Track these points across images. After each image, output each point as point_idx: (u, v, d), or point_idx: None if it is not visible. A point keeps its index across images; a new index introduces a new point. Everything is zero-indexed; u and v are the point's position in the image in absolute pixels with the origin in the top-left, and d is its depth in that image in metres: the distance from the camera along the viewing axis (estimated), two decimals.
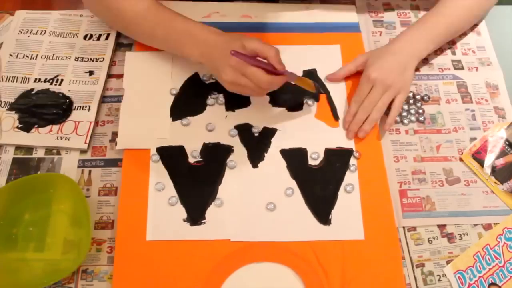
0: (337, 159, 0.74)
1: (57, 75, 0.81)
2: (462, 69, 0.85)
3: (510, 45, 0.88)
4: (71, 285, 0.65)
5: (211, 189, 0.71)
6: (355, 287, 0.65)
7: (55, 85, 0.80)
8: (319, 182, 0.73)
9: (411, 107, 0.80)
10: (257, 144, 0.75)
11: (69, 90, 0.79)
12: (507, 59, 0.86)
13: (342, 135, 0.77)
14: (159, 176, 0.72)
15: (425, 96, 0.82)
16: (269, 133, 0.76)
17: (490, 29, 0.89)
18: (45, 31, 0.85)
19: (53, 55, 0.83)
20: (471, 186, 0.74)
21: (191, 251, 0.67)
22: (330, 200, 0.71)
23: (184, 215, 0.69)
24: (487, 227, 0.71)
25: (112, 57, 0.83)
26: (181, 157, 0.73)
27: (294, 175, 0.73)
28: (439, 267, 0.68)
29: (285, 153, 0.75)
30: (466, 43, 0.87)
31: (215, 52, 0.71)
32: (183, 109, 0.77)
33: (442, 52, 0.86)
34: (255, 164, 0.74)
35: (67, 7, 0.89)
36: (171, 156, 0.73)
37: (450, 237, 0.70)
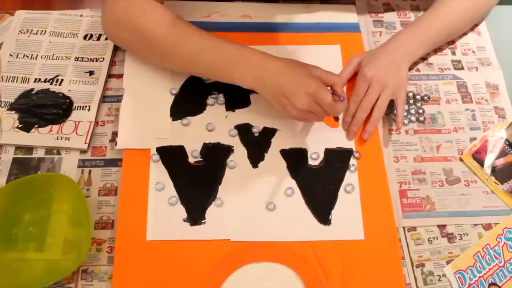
0: (337, 159, 0.74)
1: (57, 75, 0.81)
2: (462, 69, 0.85)
3: (510, 45, 0.88)
4: (71, 285, 0.65)
5: (211, 189, 0.71)
6: (355, 287, 0.65)
7: (55, 85, 0.80)
8: (319, 182, 0.73)
9: (411, 107, 0.80)
10: (257, 144, 0.75)
11: (69, 90, 0.79)
12: (507, 59, 0.86)
13: (342, 135, 0.77)
14: (159, 176, 0.72)
15: (425, 96, 0.82)
16: (269, 133, 0.76)
17: (490, 29, 0.89)
18: (45, 31, 0.85)
19: (53, 55, 0.83)
20: (471, 186, 0.74)
21: (191, 251, 0.67)
22: (330, 200, 0.71)
23: (184, 215, 0.69)
24: (487, 227, 0.71)
25: (112, 57, 0.83)
26: (181, 157, 0.73)
27: (294, 175, 0.73)
28: (439, 267, 0.68)
29: (285, 153, 0.75)
30: (466, 43, 0.87)
31: (281, 78, 0.67)
32: (183, 109, 0.77)
33: (442, 52, 0.86)
34: (255, 164, 0.74)
35: (67, 7, 0.89)
36: (171, 156, 0.73)
37: (450, 237, 0.70)
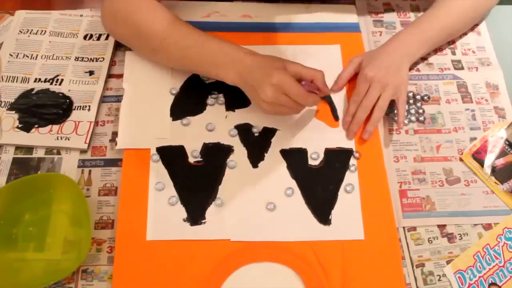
0: (337, 159, 0.74)
1: (57, 75, 0.81)
2: (462, 69, 0.85)
3: (510, 45, 0.88)
4: (71, 285, 0.65)
5: (211, 189, 0.71)
6: (355, 287, 0.65)
7: (55, 85, 0.80)
8: (319, 182, 0.73)
9: (411, 107, 0.80)
10: (257, 144, 0.75)
11: (69, 90, 0.79)
12: (507, 59, 0.86)
13: (342, 135, 0.77)
14: (159, 176, 0.72)
15: (425, 96, 0.82)
16: (269, 133, 0.76)
17: (490, 29, 0.89)
18: (45, 31, 0.85)
19: (53, 55, 0.83)
20: (471, 186, 0.74)
21: (191, 251, 0.67)
22: (330, 200, 0.71)
23: (184, 215, 0.69)
24: (487, 227, 0.71)
25: (112, 57, 0.83)
26: (181, 157, 0.73)
27: (294, 175, 0.73)
28: (439, 267, 0.68)
29: (285, 153, 0.75)
30: (466, 43, 0.87)
31: (254, 71, 0.68)
32: (183, 109, 0.77)
33: (442, 52, 0.86)
34: (255, 164, 0.74)
35: (67, 7, 0.89)
36: (171, 156, 0.73)
37: (450, 237, 0.70)
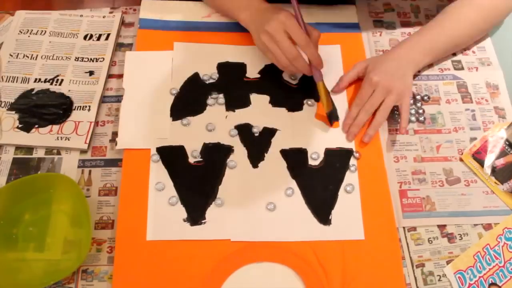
0: (337, 159, 0.74)
1: (57, 75, 0.81)
2: (462, 69, 0.85)
3: (510, 45, 0.88)
4: (71, 285, 0.65)
5: (211, 189, 0.71)
6: (355, 287, 0.65)
7: (55, 85, 0.80)
8: (319, 182, 0.73)
9: (411, 107, 0.80)
10: (257, 144, 0.75)
11: (69, 90, 0.79)
12: (507, 59, 0.86)
13: (342, 135, 0.77)
14: (159, 176, 0.72)
15: (425, 96, 0.82)
16: (269, 133, 0.76)
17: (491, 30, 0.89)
18: (45, 31, 0.85)
19: (53, 55, 0.83)
20: (471, 186, 0.74)
21: (191, 251, 0.67)
22: (330, 200, 0.71)
23: (184, 215, 0.69)
24: (487, 227, 0.71)
25: (112, 57, 0.83)
26: (181, 157, 0.73)
27: (294, 175, 0.73)
28: (439, 267, 0.68)
29: (285, 153, 0.75)
30: None
31: (266, 13, 0.74)
32: (183, 109, 0.77)
33: None
34: (255, 164, 0.74)
35: (67, 7, 0.89)
36: (171, 156, 0.73)
37: (450, 237, 0.70)
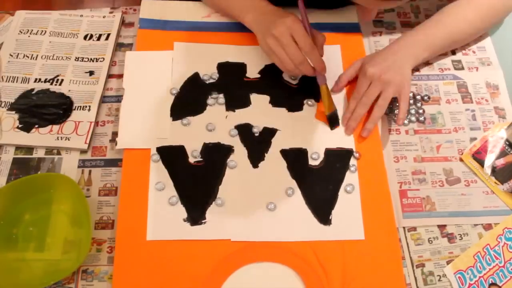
0: (337, 159, 0.74)
1: (57, 75, 0.81)
2: (462, 69, 0.85)
3: (510, 45, 0.88)
4: (71, 285, 0.65)
5: (211, 189, 0.71)
6: (355, 287, 0.65)
7: (55, 85, 0.80)
8: (319, 182, 0.73)
9: (411, 107, 0.80)
10: (257, 144, 0.75)
11: (69, 90, 0.79)
12: (507, 59, 0.86)
13: (342, 135, 0.77)
14: (159, 176, 0.72)
15: (425, 96, 0.82)
16: (269, 133, 0.76)
17: (490, 29, 0.89)
18: (45, 31, 0.85)
19: (53, 55, 0.83)
20: (471, 186, 0.74)
21: (191, 251, 0.67)
22: (330, 200, 0.71)
23: (184, 215, 0.69)
24: (487, 227, 0.71)
25: (112, 57, 0.83)
26: (181, 157, 0.73)
27: (294, 175, 0.73)
28: (439, 267, 0.68)
29: (286, 153, 0.75)
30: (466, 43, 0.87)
31: (271, 16, 0.74)
32: (183, 109, 0.77)
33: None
34: (255, 164, 0.74)
35: (67, 7, 0.90)
36: (171, 156, 0.73)
37: (450, 237, 0.70)
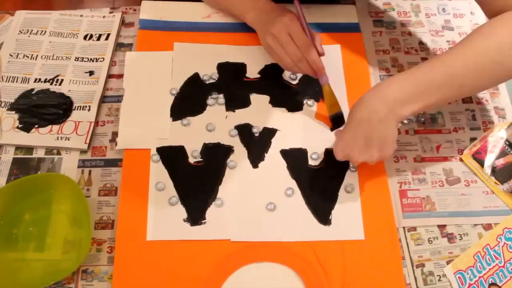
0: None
1: (57, 75, 0.81)
2: None
3: None
4: (71, 285, 0.65)
5: (211, 189, 0.71)
6: (355, 287, 0.65)
7: (55, 85, 0.80)
8: (319, 182, 0.73)
9: None
10: (257, 144, 0.75)
11: (69, 90, 0.79)
12: None
13: None
14: (159, 176, 0.72)
15: None
16: (269, 133, 0.76)
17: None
18: (45, 31, 0.85)
19: (53, 55, 0.83)
20: (471, 186, 0.74)
21: (191, 251, 0.67)
22: (330, 200, 0.71)
23: (184, 215, 0.69)
24: (487, 227, 0.71)
25: (112, 57, 0.83)
26: (181, 157, 0.73)
27: (294, 175, 0.73)
28: (439, 267, 0.68)
29: (285, 153, 0.75)
30: None
31: (271, 13, 0.76)
32: (183, 109, 0.77)
33: (442, 52, 0.86)
34: (255, 164, 0.74)
35: (67, 7, 0.89)
36: (171, 156, 0.73)
37: (450, 237, 0.70)
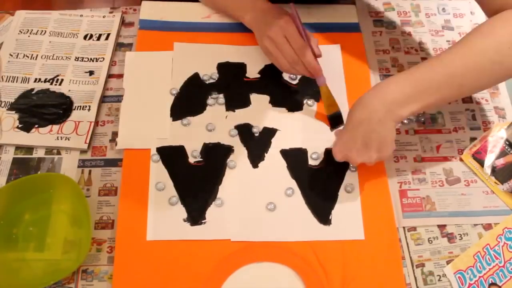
0: None
1: (57, 75, 0.81)
2: None
3: None
4: (71, 285, 0.65)
5: (211, 189, 0.71)
6: (355, 287, 0.65)
7: (55, 85, 0.80)
8: (319, 182, 0.73)
9: None
10: (257, 144, 0.75)
11: (69, 90, 0.79)
12: None
13: None
14: (159, 176, 0.72)
15: None
16: (269, 133, 0.76)
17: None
18: (45, 31, 0.85)
19: (53, 55, 0.83)
20: (471, 186, 0.74)
21: (191, 251, 0.67)
22: (330, 200, 0.71)
23: (184, 215, 0.69)
24: (487, 227, 0.71)
25: (112, 57, 0.83)
26: (181, 157, 0.73)
27: (294, 175, 0.73)
28: (439, 267, 0.68)
29: (285, 153, 0.75)
30: None
31: (268, 15, 0.77)
32: (183, 109, 0.77)
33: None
34: (255, 164, 0.74)
35: (67, 7, 0.89)
36: (171, 156, 0.73)
37: (450, 237, 0.70)
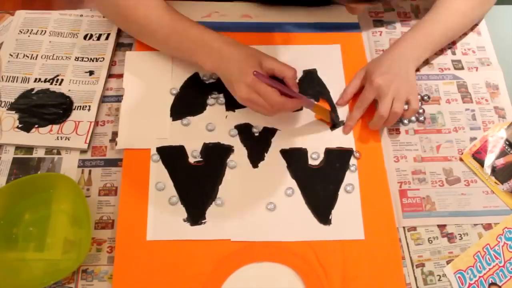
0: (337, 159, 0.74)
1: (57, 75, 0.81)
2: (462, 69, 0.85)
3: (510, 45, 0.87)
4: (71, 285, 0.65)
5: (211, 189, 0.71)
6: (355, 287, 0.65)
7: (55, 85, 0.80)
8: (319, 182, 0.73)
9: None
10: (257, 144, 0.75)
11: (69, 90, 0.79)
12: (507, 59, 0.86)
13: (342, 135, 0.77)
14: (159, 176, 0.72)
15: (425, 96, 0.82)
16: (269, 133, 0.76)
17: (490, 29, 0.89)
18: (45, 31, 0.85)
19: (53, 55, 0.83)
20: (471, 186, 0.74)
21: (191, 251, 0.67)
22: (330, 200, 0.71)
23: (184, 215, 0.69)
24: (487, 227, 0.71)
25: (112, 57, 0.83)
26: (181, 157, 0.73)
27: (294, 175, 0.73)
28: (439, 267, 0.68)
29: (285, 153, 0.75)
30: (466, 43, 0.87)
31: (231, 65, 0.70)
32: (183, 109, 0.77)
33: (442, 52, 0.86)
34: (255, 164, 0.74)
35: (67, 7, 0.89)
36: (171, 156, 0.73)
37: (450, 237, 0.70)
